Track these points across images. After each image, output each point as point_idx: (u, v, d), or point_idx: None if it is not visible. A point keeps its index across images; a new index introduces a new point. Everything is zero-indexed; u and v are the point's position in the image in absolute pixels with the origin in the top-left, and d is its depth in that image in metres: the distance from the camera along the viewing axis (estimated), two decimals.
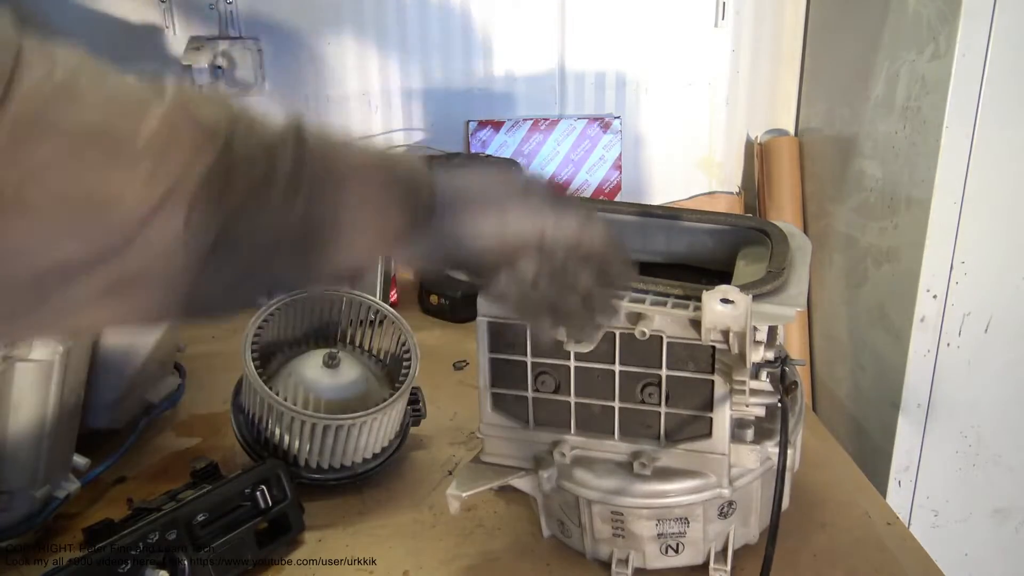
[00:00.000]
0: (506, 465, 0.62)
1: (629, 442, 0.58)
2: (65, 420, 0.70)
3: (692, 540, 0.60)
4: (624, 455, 0.58)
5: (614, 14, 1.45)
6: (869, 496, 0.74)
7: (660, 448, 0.57)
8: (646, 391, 0.56)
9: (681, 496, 0.57)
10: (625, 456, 0.58)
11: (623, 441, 0.58)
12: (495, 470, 0.61)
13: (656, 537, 0.59)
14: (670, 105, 1.52)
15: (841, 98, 1.34)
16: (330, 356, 0.78)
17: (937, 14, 1.06)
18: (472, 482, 0.60)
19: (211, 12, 1.39)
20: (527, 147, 1.47)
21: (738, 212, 1.54)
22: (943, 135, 1.05)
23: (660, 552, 0.60)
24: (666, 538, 0.59)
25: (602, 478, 0.58)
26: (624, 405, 0.57)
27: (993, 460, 1.20)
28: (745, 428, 0.57)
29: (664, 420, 0.57)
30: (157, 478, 0.80)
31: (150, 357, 0.84)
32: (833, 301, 1.36)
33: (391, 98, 1.47)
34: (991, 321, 1.12)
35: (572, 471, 0.59)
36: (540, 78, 1.49)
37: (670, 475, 0.57)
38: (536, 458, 0.60)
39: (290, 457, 0.75)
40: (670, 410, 0.56)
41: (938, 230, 1.08)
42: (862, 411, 1.29)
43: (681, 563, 0.61)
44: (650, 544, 0.60)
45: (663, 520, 0.58)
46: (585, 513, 0.60)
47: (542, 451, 0.60)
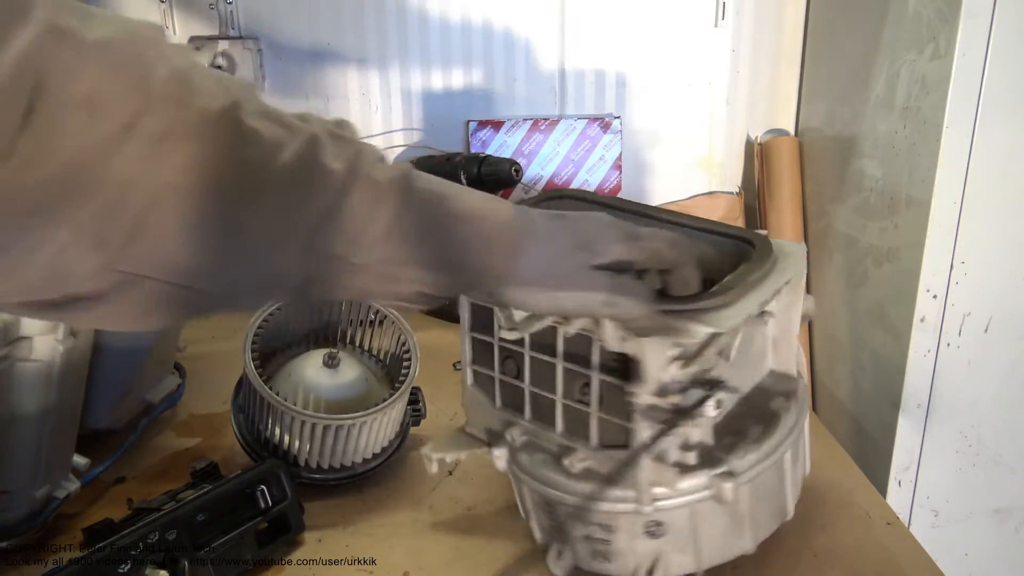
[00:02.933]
0: (478, 437, 0.64)
1: (567, 439, 0.58)
2: (65, 420, 0.70)
3: (619, 552, 0.58)
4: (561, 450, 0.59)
5: (614, 14, 1.45)
6: (869, 496, 0.74)
7: (590, 450, 0.56)
8: (584, 391, 0.56)
9: (600, 502, 0.56)
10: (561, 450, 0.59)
11: (563, 437, 0.58)
12: (469, 440, 0.64)
13: (585, 539, 0.59)
14: (670, 105, 1.52)
15: (841, 98, 1.34)
16: (330, 356, 0.78)
17: (937, 14, 1.06)
18: (447, 447, 0.63)
19: (211, 12, 1.39)
20: (527, 147, 1.47)
21: (738, 212, 1.54)
22: (943, 135, 1.05)
23: (590, 556, 0.60)
24: (593, 542, 0.59)
25: (537, 467, 0.58)
26: (565, 401, 0.57)
27: (993, 460, 1.20)
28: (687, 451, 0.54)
29: (594, 423, 0.56)
30: (157, 478, 0.80)
31: (150, 357, 0.84)
32: (833, 301, 1.36)
33: (391, 98, 1.47)
34: (991, 321, 1.12)
35: (518, 455, 0.60)
36: (540, 78, 1.49)
37: (595, 478, 0.56)
38: (493, 435, 0.62)
39: (290, 457, 0.75)
40: (601, 414, 0.55)
41: (938, 230, 1.08)
42: (862, 411, 1.28)
43: (611, 572, 0.60)
44: (581, 544, 0.60)
45: (587, 523, 0.58)
46: (527, 499, 0.61)
47: (499, 430, 0.62)
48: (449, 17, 1.44)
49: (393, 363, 0.84)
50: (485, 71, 1.48)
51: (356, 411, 0.74)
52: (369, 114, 1.47)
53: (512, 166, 1.24)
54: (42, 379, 0.65)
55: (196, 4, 1.39)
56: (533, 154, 1.48)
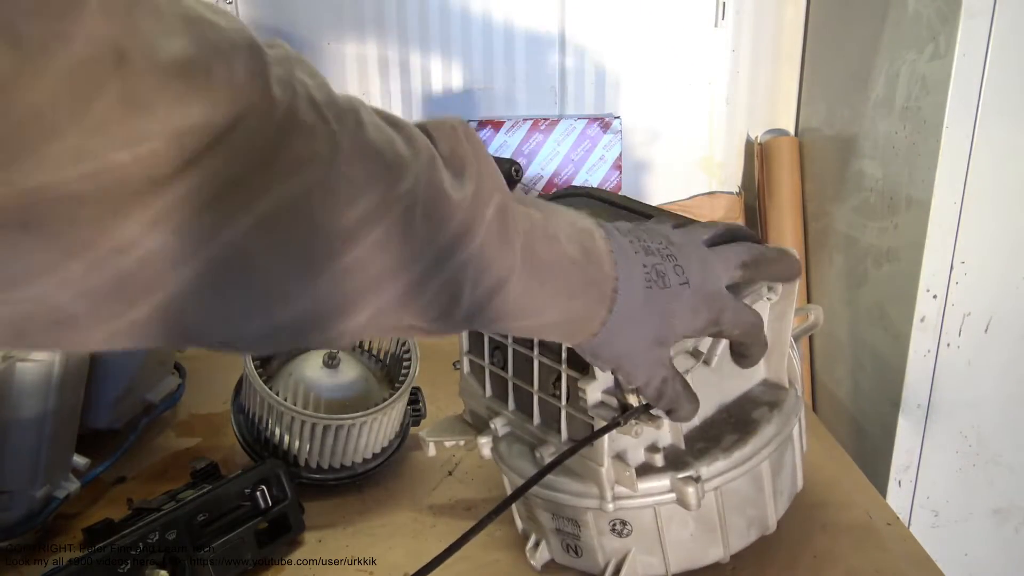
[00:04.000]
0: (472, 424, 0.65)
1: (542, 431, 0.58)
2: (65, 420, 0.70)
3: (587, 547, 0.59)
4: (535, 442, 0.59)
5: (614, 14, 1.45)
6: (869, 496, 0.74)
7: (561, 443, 0.57)
8: (556, 385, 0.56)
9: (567, 495, 0.56)
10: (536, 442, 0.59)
11: (539, 429, 0.58)
12: (464, 427, 0.65)
13: (556, 531, 0.60)
14: (670, 105, 1.52)
15: (841, 98, 1.34)
16: (330, 356, 0.78)
17: (937, 14, 1.06)
18: (441, 432, 0.65)
19: None
20: (527, 147, 1.47)
21: (738, 212, 1.54)
22: (943, 135, 1.05)
23: (562, 548, 0.61)
24: (563, 535, 0.60)
25: (514, 458, 0.59)
26: (540, 394, 0.57)
27: (993, 460, 1.20)
28: (654, 452, 0.55)
29: (564, 416, 0.56)
30: (157, 478, 0.80)
31: (150, 357, 0.84)
32: (833, 301, 1.36)
33: (391, 98, 1.47)
34: (991, 321, 1.12)
35: (499, 444, 0.61)
36: (540, 78, 1.49)
37: (564, 472, 0.57)
38: (481, 422, 0.63)
39: (290, 457, 0.75)
40: (568, 409, 0.55)
41: (938, 230, 1.08)
42: (862, 411, 1.29)
43: (580, 567, 0.61)
44: (552, 536, 0.61)
45: (557, 516, 0.59)
46: (508, 488, 0.62)
47: (486, 418, 0.63)
48: (449, 17, 1.44)
49: (393, 363, 0.84)
50: (485, 71, 1.48)
51: (356, 411, 0.74)
52: None
53: (512, 166, 1.24)
54: (42, 379, 0.65)
55: None
56: (533, 154, 1.48)
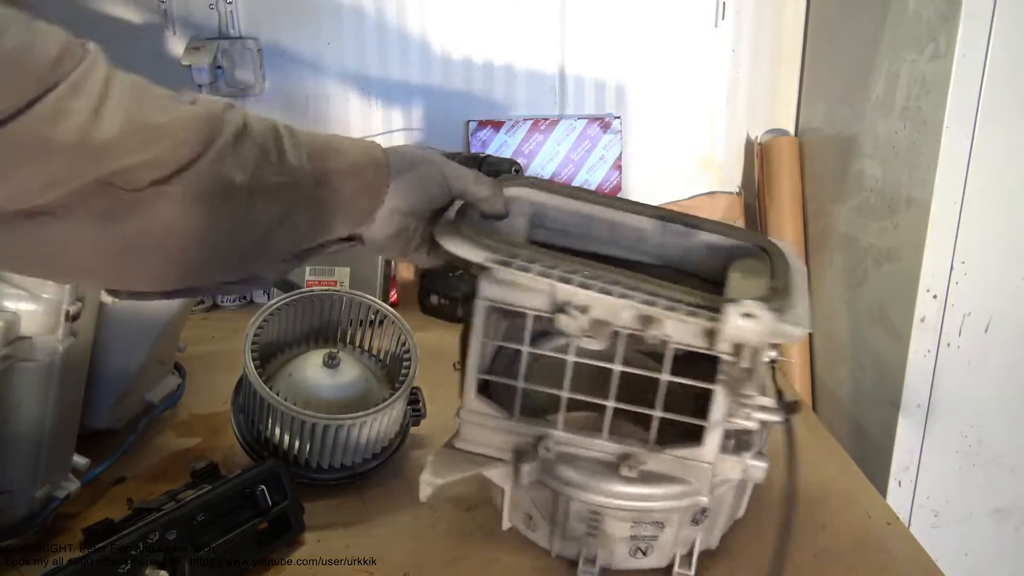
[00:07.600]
0: (482, 454, 0.60)
1: (617, 443, 0.57)
2: (65, 420, 0.70)
3: (662, 544, 0.60)
4: (611, 455, 0.58)
5: (614, 14, 1.45)
6: (869, 496, 0.74)
7: (648, 452, 0.56)
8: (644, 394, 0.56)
9: (662, 501, 0.57)
10: (611, 456, 0.58)
11: (611, 441, 0.57)
12: (471, 459, 0.60)
13: (629, 539, 0.59)
14: (670, 105, 1.52)
15: (841, 98, 1.34)
16: (330, 356, 0.78)
17: (937, 14, 1.06)
18: (447, 470, 0.58)
19: (211, 12, 1.39)
20: (527, 147, 1.47)
21: (738, 211, 1.54)
22: (943, 135, 1.04)
23: (629, 554, 0.60)
24: (638, 540, 0.59)
25: (586, 477, 0.57)
26: (619, 405, 0.56)
27: (993, 460, 1.19)
28: (729, 439, 0.57)
29: (657, 425, 0.56)
30: (157, 478, 0.80)
31: (150, 357, 0.84)
32: (833, 301, 1.36)
33: (391, 98, 1.47)
34: (991, 321, 1.12)
35: (555, 467, 0.58)
36: (540, 78, 1.49)
37: (654, 479, 0.57)
38: (517, 450, 0.59)
39: (290, 457, 0.75)
40: (666, 415, 0.56)
41: (938, 230, 1.08)
42: (862, 411, 1.28)
43: (647, 565, 0.61)
44: (620, 545, 0.60)
45: (639, 523, 0.58)
46: (562, 509, 0.60)
47: (524, 444, 0.59)
48: (449, 17, 1.44)
49: (393, 363, 0.84)
50: (485, 71, 1.47)
51: (356, 411, 0.74)
52: (369, 114, 1.47)
53: (512, 166, 1.24)
54: (42, 379, 0.65)
55: (196, 4, 1.39)
56: (533, 154, 1.47)
